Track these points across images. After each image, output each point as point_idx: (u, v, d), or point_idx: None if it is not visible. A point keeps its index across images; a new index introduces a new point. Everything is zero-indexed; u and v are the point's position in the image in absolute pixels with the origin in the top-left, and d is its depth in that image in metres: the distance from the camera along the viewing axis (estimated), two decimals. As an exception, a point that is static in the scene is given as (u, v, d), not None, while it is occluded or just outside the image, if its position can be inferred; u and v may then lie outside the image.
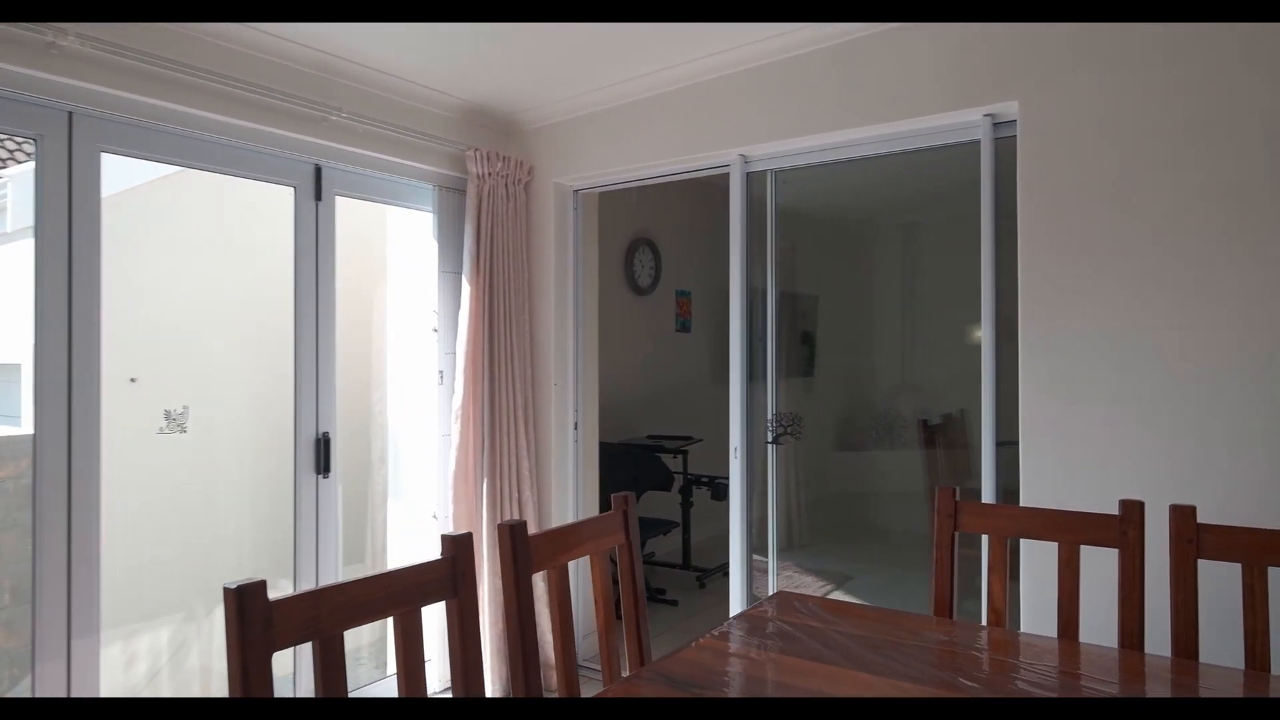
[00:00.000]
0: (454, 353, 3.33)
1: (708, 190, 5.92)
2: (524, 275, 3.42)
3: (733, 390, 3.06)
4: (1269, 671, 1.56)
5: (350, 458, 3.47)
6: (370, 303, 3.60)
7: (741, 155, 2.98)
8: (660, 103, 3.12)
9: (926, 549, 5.23)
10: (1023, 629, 2.24)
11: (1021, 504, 2.40)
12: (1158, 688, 1.40)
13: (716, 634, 1.66)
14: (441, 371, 3.34)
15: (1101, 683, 1.41)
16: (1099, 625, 2.04)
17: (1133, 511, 1.71)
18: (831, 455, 5.81)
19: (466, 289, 3.20)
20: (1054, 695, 1.36)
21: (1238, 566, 1.63)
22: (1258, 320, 2.06)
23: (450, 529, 3.21)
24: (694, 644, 1.60)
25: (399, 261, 3.52)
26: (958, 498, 1.92)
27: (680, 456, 4.90)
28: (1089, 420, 2.28)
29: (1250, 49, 2.07)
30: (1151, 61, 2.20)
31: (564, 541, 1.66)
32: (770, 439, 3.02)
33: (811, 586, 4.64)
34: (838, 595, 4.57)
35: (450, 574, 1.42)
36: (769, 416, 3.04)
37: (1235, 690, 1.40)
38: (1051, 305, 2.35)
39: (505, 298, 3.30)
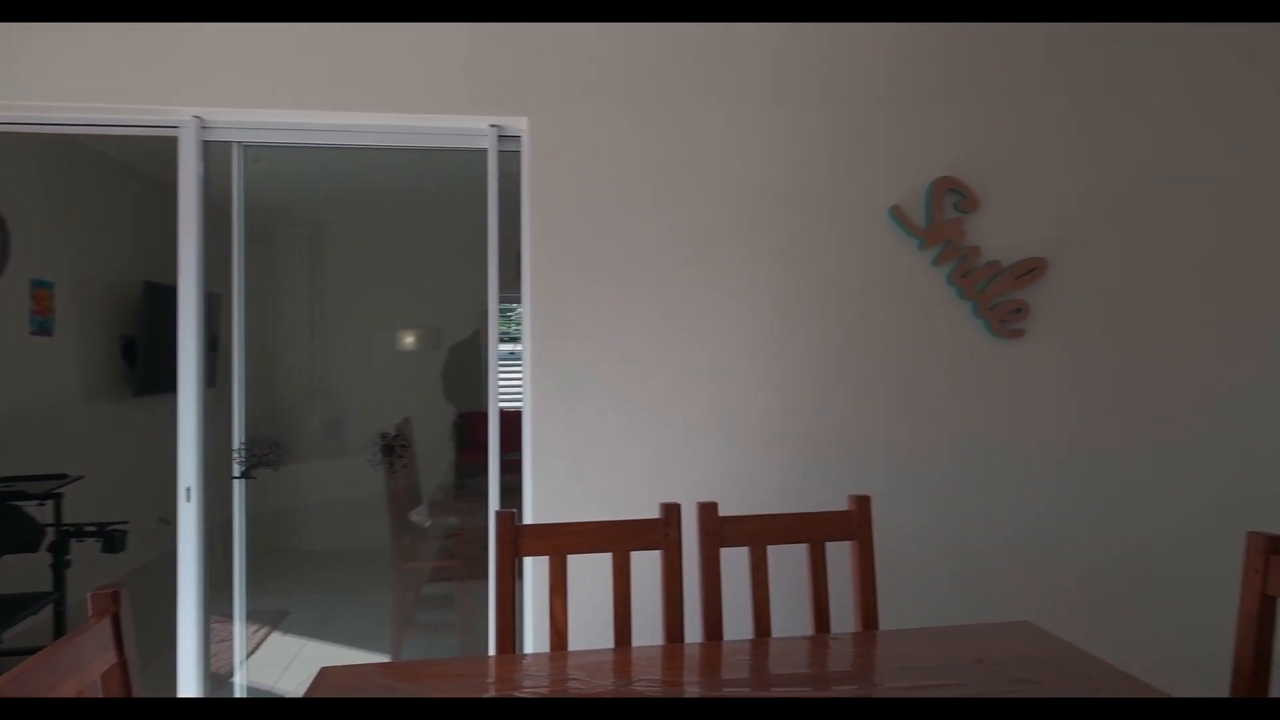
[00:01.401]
0: None
1: (82, 152, 4.60)
2: None
3: (183, 414, 2.39)
4: (770, 636, 1.88)
5: None
6: None
7: (198, 118, 2.35)
8: (77, 25, 2.25)
9: (362, 567, 5.02)
10: (572, 646, 2.27)
11: (529, 519, 2.44)
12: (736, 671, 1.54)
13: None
14: None
15: (788, 678, 1.49)
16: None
17: (672, 513, 1.87)
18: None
19: None
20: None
21: (746, 550, 1.93)
22: (718, 341, 2.49)
23: None
24: (259, 782, 1.15)
25: None
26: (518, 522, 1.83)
27: (50, 503, 3.68)
28: (593, 431, 2.44)
29: (711, 99, 2.49)
30: (646, 102, 2.47)
31: (26, 691, 1.02)
32: (239, 472, 2.45)
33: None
34: (278, 637, 4.03)
35: None
36: (235, 445, 2.47)
37: (742, 656, 1.63)
38: (557, 321, 2.44)
39: None
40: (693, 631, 2.09)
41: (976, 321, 2.58)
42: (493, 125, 2.46)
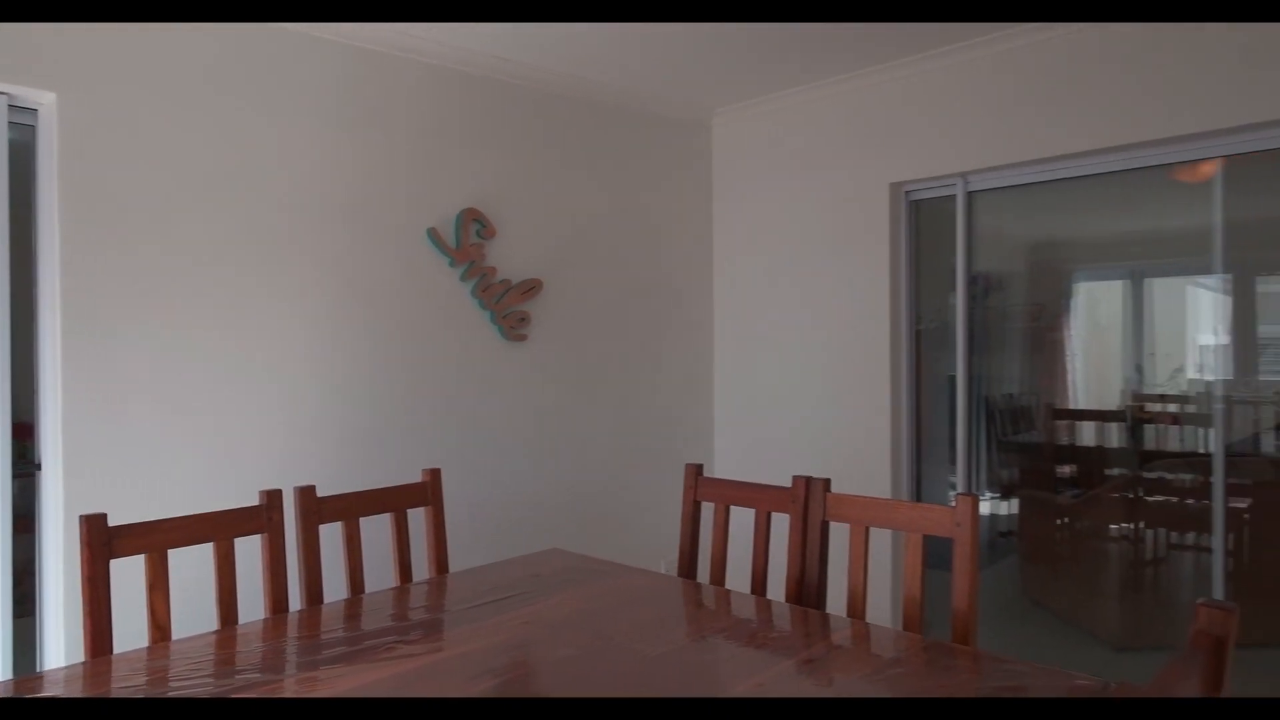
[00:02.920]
0: None
1: None
2: None
3: None
4: (364, 593, 2.17)
5: None
6: None
7: None
8: None
9: None
10: (175, 636, 2.12)
11: (60, 537, 2.22)
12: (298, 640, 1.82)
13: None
14: None
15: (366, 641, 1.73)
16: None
17: (274, 498, 2.01)
18: None
19: None
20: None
21: (340, 524, 2.15)
22: (276, 341, 2.61)
23: None
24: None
25: None
26: (105, 526, 1.76)
27: None
28: (139, 433, 2.34)
29: (271, 110, 2.59)
30: (203, 103, 2.44)
31: None
32: None
33: None
34: None
35: None
36: None
37: (338, 611, 1.94)
38: (95, 321, 2.27)
39: None
40: (296, 603, 2.23)
41: (494, 328, 3.20)
42: (2, 93, 2.17)
